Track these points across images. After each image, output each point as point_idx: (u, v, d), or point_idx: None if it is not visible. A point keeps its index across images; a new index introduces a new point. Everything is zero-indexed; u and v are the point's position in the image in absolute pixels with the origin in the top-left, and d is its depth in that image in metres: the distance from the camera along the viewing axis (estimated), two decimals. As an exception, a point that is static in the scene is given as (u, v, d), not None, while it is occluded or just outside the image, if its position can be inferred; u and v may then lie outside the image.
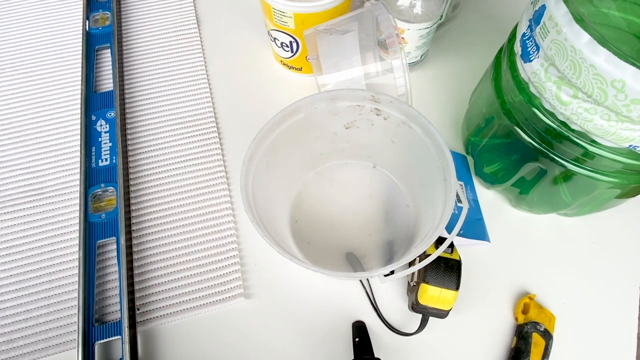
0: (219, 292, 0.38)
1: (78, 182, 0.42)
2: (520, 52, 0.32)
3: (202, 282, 0.39)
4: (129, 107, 0.48)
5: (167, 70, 0.51)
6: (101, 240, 0.39)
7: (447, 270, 0.34)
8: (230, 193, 0.43)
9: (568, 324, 0.38)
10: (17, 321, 0.37)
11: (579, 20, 0.25)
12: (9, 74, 0.50)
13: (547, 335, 0.35)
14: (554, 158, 0.32)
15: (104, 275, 0.39)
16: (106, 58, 0.52)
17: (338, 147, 0.41)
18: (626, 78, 0.24)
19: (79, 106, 0.47)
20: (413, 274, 0.36)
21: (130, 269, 0.38)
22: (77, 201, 0.42)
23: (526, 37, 0.31)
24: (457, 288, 0.34)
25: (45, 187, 0.43)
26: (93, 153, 0.44)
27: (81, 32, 0.52)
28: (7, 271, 0.39)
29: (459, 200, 0.34)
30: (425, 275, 0.34)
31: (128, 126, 0.47)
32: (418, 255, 0.31)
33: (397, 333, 0.37)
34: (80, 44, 0.51)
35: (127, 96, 0.49)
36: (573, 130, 0.30)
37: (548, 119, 0.31)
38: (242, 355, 0.36)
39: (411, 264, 0.35)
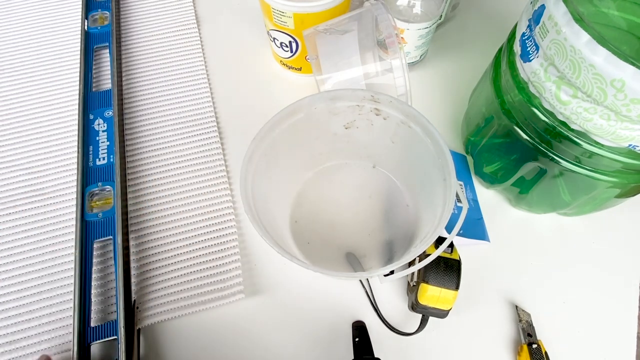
0: (219, 289, 0.38)
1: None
2: (519, 52, 0.32)
3: (202, 279, 0.39)
4: (128, 106, 0.48)
5: (166, 70, 0.50)
6: (99, 240, 0.39)
7: (447, 270, 0.34)
8: (231, 193, 0.43)
9: (568, 324, 0.38)
10: (19, 322, 0.37)
11: (579, 19, 0.25)
12: (8, 74, 0.50)
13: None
14: (553, 157, 0.32)
15: (104, 275, 0.39)
16: (105, 57, 0.51)
17: (338, 147, 0.41)
18: (626, 78, 0.24)
19: (77, 105, 0.47)
20: (413, 273, 0.36)
21: (127, 270, 0.38)
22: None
23: (526, 37, 0.31)
24: (457, 288, 0.34)
25: (45, 187, 0.43)
26: (90, 152, 0.44)
27: (80, 31, 0.52)
28: (9, 272, 0.39)
29: (459, 200, 0.34)
30: (425, 275, 0.34)
31: (127, 125, 0.47)
32: (418, 255, 0.31)
33: (397, 333, 0.36)
34: (79, 43, 0.51)
35: (125, 95, 0.49)
36: (573, 130, 0.30)
37: (547, 118, 0.31)
38: (241, 355, 0.36)
39: (411, 263, 0.35)
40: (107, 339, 0.35)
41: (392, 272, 0.31)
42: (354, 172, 0.43)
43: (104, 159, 0.43)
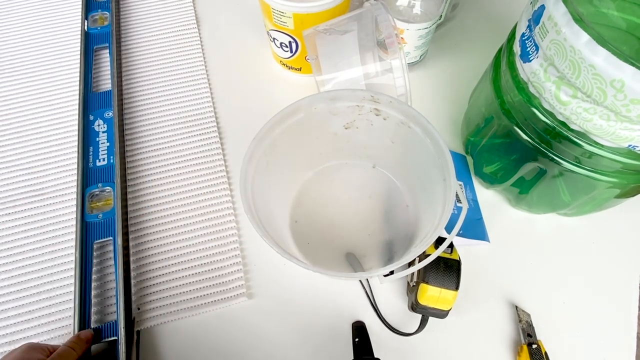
0: (220, 291, 0.38)
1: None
2: (519, 52, 0.32)
3: (203, 281, 0.39)
4: (128, 107, 0.48)
5: (166, 70, 0.50)
6: (99, 241, 0.39)
7: (446, 270, 0.34)
8: (231, 193, 0.43)
9: (568, 324, 0.38)
10: (19, 322, 0.37)
11: (578, 20, 0.25)
12: (8, 74, 0.50)
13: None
14: (553, 158, 0.32)
15: (104, 276, 0.39)
16: (105, 58, 0.51)
17: (337, 147, 0.41)
18: (625, 78, 0.24)
19: (77, 106, 0.47)
20: (413, 274, 0.36)
21: (126, 270, 0.38)
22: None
23: (525, 37, 0.31)
24: (456, 288, 0.34)
25: (45, 187, 0.43)
26: (90, 153, 0.44)
27: (80, 32, 0.52)
28: (9, 272, 0.39)
29: (459, 200, 0.34)
30: (425, 275, 0.34)
31: (127, 126, 0.47)
32: (418, 255, 0.31)
33: (396, 333, 0.36)
34: (79, 43, 0.51)
35: (125, 96, 0.49)
36: (572, 130, 0.30)
37: (547, 118, 0.31)
38: (242, 355, 0.36)
39: (411, 264, 0.35)
40: (107, 340, 0.35)
41: (392, 272, 0.31)
42: (354, 172, 0.43)
43: (104, 160, 0.43)
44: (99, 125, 0.46)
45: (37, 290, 0.38)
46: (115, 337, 0.35)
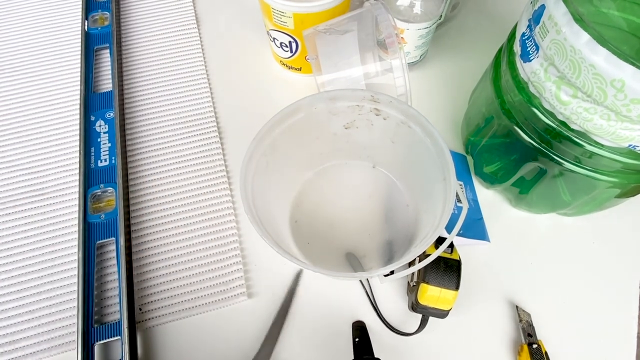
0: (220, 291, 0.38)
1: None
2: (519, 52, 0.32)
3: (203, 281, 0.39)
4: (129, 107, 0.48)
5: (166, 70, 0.51)
6: (101, 241, 0.39)
7: (447, 270, 0.34)
8: (231, 193, 0.43)
9: (568, 324, 0.38)
10: (19, 322, 0.37)
11: (579, 19, 0.25)
12: (8, 74, 0.50)
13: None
14: (553, 158, 0.32)
15: (104, 276, 0.39)
16: (105, 58, 0.52)
17: (337, 147, 0.41)
18: (626, 78, 0.24)
19: (78, 106, 0.47)
20: (413, 273, 0.36)
21: (129, 269, 0.38)
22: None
23: (526, 37, 0.31)
24: (457, 288, 0.34)
25: (46, 188, 0.43)
26: (92, 153, 0.44)
27: (80, 32, 0.52)
28: (9, 272, 0.39)
29: (459, 200, 0.34)
30: (425, 275, 0.34)
31: (127, 126, 0.47)
32: (418, 255, 0.31)
33: (397, 333, 0.36)
34: (80, 44, 0.51)
35: (126, 96, 0.49)
36: (573, 130, 0.30)
37: (547, 118, 0.31)
38: (242, 355, 0.36)
39: (411, 263, 0.35)
40: (110, 339, 0.35)
41: (392, 272, 0.31)
42: (354, 172, 0.43)
43: (105, 160, 0.43)
44: (100, 125, 0.46)
45: (37, 290, 0.38)
46: (119, 337, 0.35)
